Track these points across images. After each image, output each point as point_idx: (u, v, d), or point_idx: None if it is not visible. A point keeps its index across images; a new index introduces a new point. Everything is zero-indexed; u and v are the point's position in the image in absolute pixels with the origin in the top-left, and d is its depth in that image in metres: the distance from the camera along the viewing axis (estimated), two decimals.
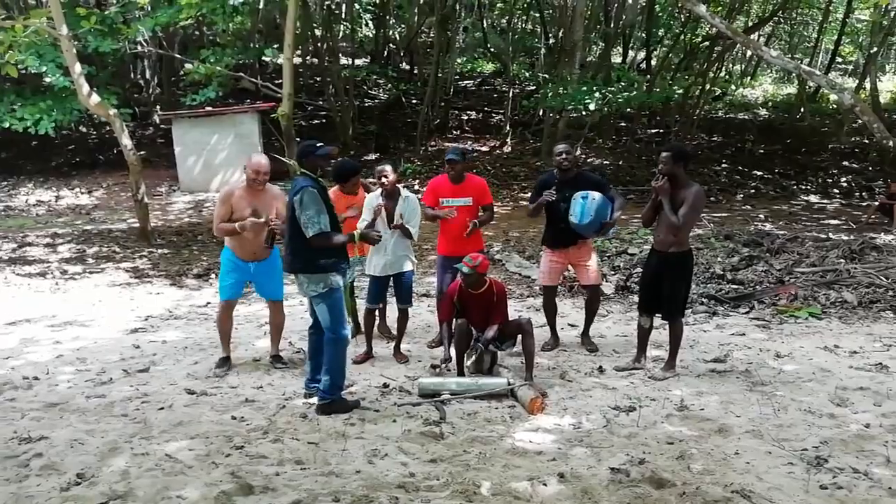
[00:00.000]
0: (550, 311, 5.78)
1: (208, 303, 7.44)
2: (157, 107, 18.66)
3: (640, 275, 6.57)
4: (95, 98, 10.15)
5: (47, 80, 13.45)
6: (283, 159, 10.44)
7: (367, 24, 24.20)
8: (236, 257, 5.15)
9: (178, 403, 4.52)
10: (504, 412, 4.38)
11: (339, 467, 3.61)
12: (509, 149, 17.76)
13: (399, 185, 5.52)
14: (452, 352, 4.95)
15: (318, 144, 4.40)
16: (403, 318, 5.56)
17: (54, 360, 5.49)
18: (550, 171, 5.80)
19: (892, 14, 18.49)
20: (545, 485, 3.40)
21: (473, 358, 4.98)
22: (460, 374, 4.89)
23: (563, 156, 5.42)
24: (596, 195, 5.16)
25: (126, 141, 10.54)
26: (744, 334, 6.09)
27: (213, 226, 5.24)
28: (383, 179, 5.29)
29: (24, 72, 10.87)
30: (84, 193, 15.57)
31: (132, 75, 20.19)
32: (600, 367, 5.22)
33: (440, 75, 19.03)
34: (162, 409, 4.44)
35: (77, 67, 9.68)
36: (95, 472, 3.55)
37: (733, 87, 23.32)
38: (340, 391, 4.44)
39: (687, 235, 4.90)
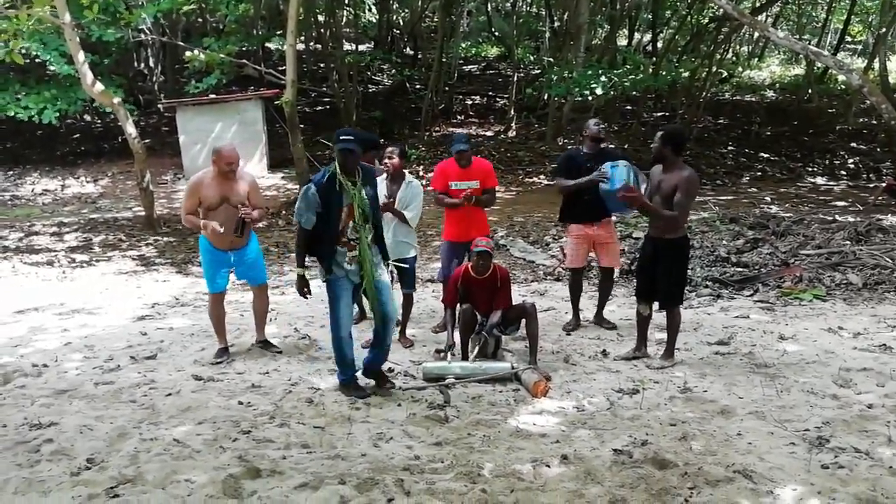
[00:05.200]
0: (577, 293, 5.85)
1: None
2: (161, 95, 18.66)
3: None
4: (99, 86, 10.16)
5: (52, 68, 13.47)
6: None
7: (370, 9, 24.05)
8: (213, 247, 5.09)
9: (185, 389, 4.57)
10: (508, 395, 4.42)
11: (344, 450, 3.65)
12: (514, 133, 17.69)
13: (405, 171, 5.50)
14: (457, 337, 4.98)
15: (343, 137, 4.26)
16: (408, 303, 5.59)
17: (63, 348, 5.54)
18: (575, 147, 5.81)
19: None
20: (548, 466, 3.43)
21: (478, 348, 5.01)
22: (465, 358, 4.92)
23: (599, 128, 5.59)
24: (624, 162, 5.21)
25: (130, 129, 10.56)
26: (748, 317, 6.09)
27: (182, 216, 5.18)
28: (386, 161, 5.29)
29: (28, 61, 10.90)
30: (89, 182, 15.62)
31: (136, 63, 20.17)
32: (604, 350, 5.24)
33: (444, 60, 18.94)
34: (169, 394, 4.48)
35: (81, 56, 9.68)
36: (105, 457, 3.60)
37: (740, 68, 23.12)
38: (344, 377, 4.50)
39: (683, 221, 4.88)
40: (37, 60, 13.41)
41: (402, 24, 24.93)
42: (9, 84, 14.33)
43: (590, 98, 14.54)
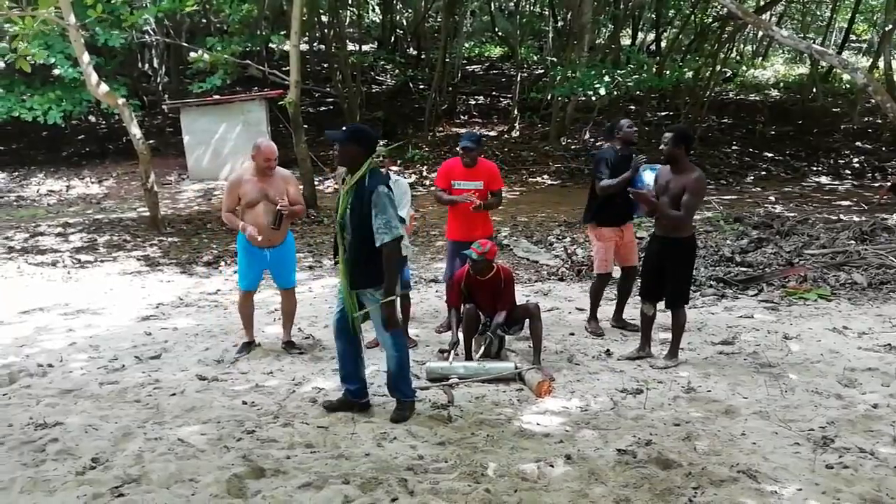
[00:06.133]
0: (599, 298, 5.77)
1: (218, 290, 7.51)
2: (166, 95, 18.70)
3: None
4: (104, 87, 10.20)
5: (56, 71, 13.51)
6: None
7: (373, 10, 24.10)
8: (250, 244, 5.13)
9: (189, 389, 4.58)
10: (512, 395, 4.41)
11: (348, 450, 3.65)
12: (517, 133, 17.70)
13: (392, 169, 5.48)
14: (460, 337, 4.98)
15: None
16: (405, 303, 5.59)
17: (68, 348, 5.56)
18: (609, 148, 5.74)
19: None
20: (552, 466, 3.43)
21: (482, 349, 5.00)
22: (468, 358, 4.92)
23: (633, 130, 5.60)
24: (659, 167, 5.20)
25: (135, 130, 10.59)
26: (752, 316, 6.08)
27: (222, 213, 5.26)
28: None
29: (33, 63, 10.94)
30: (94, 183, 15.68)
31: (140, 64, 20.23)
32: (608, 350, 5.23)
33: (448, 60, 18.97)
34: (174, 394, 4.49)
35: (85, 57, 9.72)
36: (110, 457, 3.61)
37: (744, 67, 23.07)
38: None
39: (688, 221, 4.86)
40: (41, 63, 13.45)
41: (405, 24, 24.96)
42: (14, 86, 14.39)
43: (593, 98, 14.54)
